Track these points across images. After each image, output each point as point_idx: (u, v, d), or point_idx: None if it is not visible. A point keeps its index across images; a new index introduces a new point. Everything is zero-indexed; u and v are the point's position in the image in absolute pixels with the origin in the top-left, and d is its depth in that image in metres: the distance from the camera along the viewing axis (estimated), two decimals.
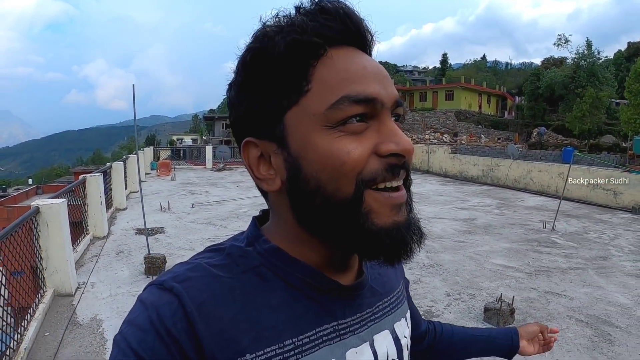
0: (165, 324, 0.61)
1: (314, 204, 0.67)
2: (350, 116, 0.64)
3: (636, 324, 5.63)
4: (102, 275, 7.01)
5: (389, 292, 0.88)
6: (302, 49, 0.66)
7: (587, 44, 48.58)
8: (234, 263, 0.71)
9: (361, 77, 0.66)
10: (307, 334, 0.69)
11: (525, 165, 20.03)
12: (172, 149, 39.61)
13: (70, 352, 4.71)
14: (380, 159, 0.65)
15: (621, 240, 10.50)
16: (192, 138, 72.15)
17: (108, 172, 12.77)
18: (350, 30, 0.68)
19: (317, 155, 0.65)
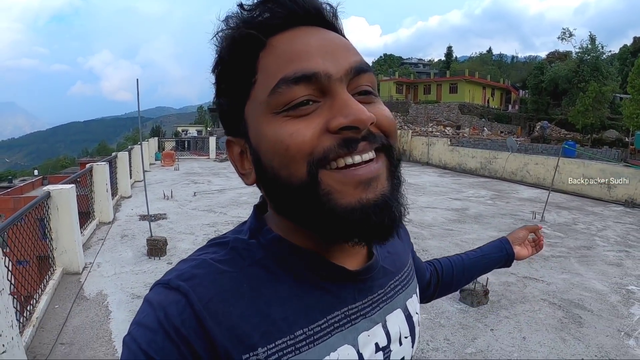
0: (174, 323, 0.61)
1: (275, 192, 0.68)
2: (294, 99, 0.63)
3: (608, 309, 5.88)
4: (108, 257, 7.49)
5: (400, 270, 0.88)
6: (242, 45, 0.68)
7: (590, 39, 48.40)
8: (238, 257, 0.71)
9: (301, 54, 0.65)
10: (317, 322, 0.69)
11: (522, 158, 20.18)
12: (177, 140, 39.92)
13: (77, 321, 5.17)
14: (333, 135, 0.63)
15: (609, 231, 10.74)
16: (197, 129, 72.08)
17: (113, 161, 13.20)
18: (295, 12, 0.68)
19: (267, 144, 0.65)
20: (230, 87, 0.71)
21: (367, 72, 0.68)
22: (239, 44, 0.68)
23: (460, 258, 1.35)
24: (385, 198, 0.64)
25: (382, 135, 0.67)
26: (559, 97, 51.72)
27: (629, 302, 6.18)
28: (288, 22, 0.68)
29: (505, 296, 6.13)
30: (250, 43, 0.67)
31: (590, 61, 47.17)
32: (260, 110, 0.66)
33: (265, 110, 0.65)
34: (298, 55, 0.65)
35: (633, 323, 5.51)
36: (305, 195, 0.63)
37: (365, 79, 0.68)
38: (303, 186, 0.63)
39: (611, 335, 5.16)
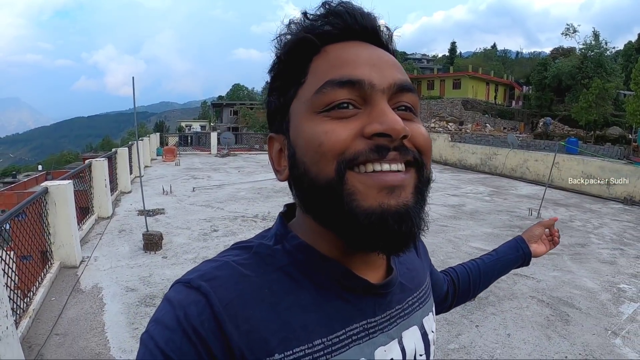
0: (193, 324, 0.62)
1: (303, 187, 0.69)
2: (336, 100, 0.66)
3: (597, 307, 5.91)
4: (105, 251, 7.62)
5: (418, 287, 0.88)
6: (299, 48, 0.72)
7: (594, 35, 48.18)
8: (261, 262, 0.72)
9: (350, 62, 0.68)
10: (336, 333, 0.69)
11: (522, 154, 20.17)
12: (180, 135, 40.06)
13: (72, 313, 5.31)
14: (366, 140, 0.65)
15: (605, 229, 10.78)
16: (201, 124, 72.19)
17: (113, 157, 13.31)
18: (351, 26, 0.72)
19: (303, 140, 0.68)
20: (282, 86, 0.75)
21: (410, 92, 0.71)
22: (296, 47, 0.72)
23: (476, 264, 1.34)
24: (407, 208, 0.65)
25: (416, 151, 0.69)
26: (562, 94, 51.55)
27: (619, 301, 6.21)
28: (344, 35, 0.72)
29: (493, 293, 6.17)
30: (306, 47, 0.72)
31: (593, 57, 46.93)
32: (304, 108, 0.69)
33: (308, 108, 0.68)
34: (347, 63, 0.68)
35: (621, 322, 5.54)
36: (330, 193, 0.65)
37: (407, 97, 0.71)
38: (329, 184, 0.64)
39: (597, 333, 5.19)
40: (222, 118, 68.66)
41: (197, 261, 6.92)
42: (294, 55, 0.72)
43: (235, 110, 65.02)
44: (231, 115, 66.13)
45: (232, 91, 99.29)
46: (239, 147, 34.92)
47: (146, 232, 7.67)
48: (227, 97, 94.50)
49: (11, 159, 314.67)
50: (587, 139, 40.25)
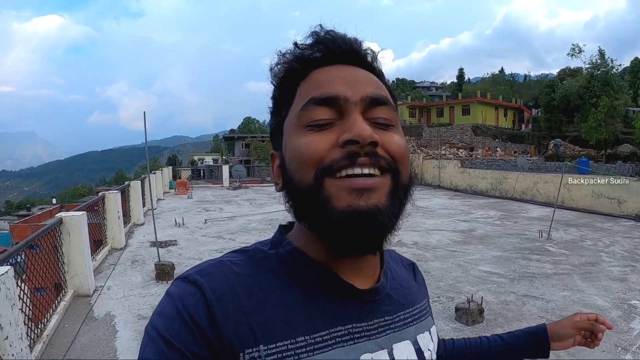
0: (190, 312, 0.68)
1: (291, 194, 0.76)
2: (317, 116, 0.74)
3: None
4: (118, 280, 7.76)
5: (411, 304, 0.90)
6: (287, 75, 0.82)
7: (600, 53, 48.07)
8: (255, 263, 0.78)
9: (328, 82, 0.77)
10: (320, 333, 0.72)
11: (532, 177, 20.19)
12: (192, 168, 40.36)
13: (85, 339, 5.43)
14: (341, 149, 0.71)
15: (616, 247, 10.75)
16: (213, 158, 72.35)
17: (126, 190, 13.53)
18: (334, 52, 0.80)
19: (289, 151, 0.76)
20: (277, 109, 0.84)
21: (384, 104, 0.77)
22: (284, 74, 0.82)
23: (479, 344, 1.20)
24: (375, 209, 0.69)
25: (389, 158, 0.74)
26: (571, 114, 51.28)
27: (629, 317, 6.19)
28: (328, 60, 0.80)
29: (502, 314, 6.19)
30: (292, 73, 0.81)
31: (600, 76, 46.62)
32: (292, 124, 0.77)
33: (295, 123, 0.76)
34: (326, 83, 0.76)
35: (632, 338, 5.52)
36: (311, 197, 0.71)
37: (382, 111, 0.76)
38: (309, 189, 0.71)
39: (608, 350, 5.16)
40: (234, 151, 69.00)
41: None
42: (284, 81, 0.82)
43: (247, 143, 65.29)
44: (243, 148, 66.49)
45: (243, 124, 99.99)
46: (250, 179, 35.18)
47: (158, 262, 7.79)
48: (239, 130, 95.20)
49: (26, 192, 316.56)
50: (598, 158, 40.02)
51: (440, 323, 5.86)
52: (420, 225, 13.50)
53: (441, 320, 5.98)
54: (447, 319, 6.03)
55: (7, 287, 3.88)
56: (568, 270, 8.51)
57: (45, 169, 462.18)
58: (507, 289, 7.34)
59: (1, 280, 3.79)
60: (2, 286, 3.80)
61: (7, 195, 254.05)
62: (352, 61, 0.81)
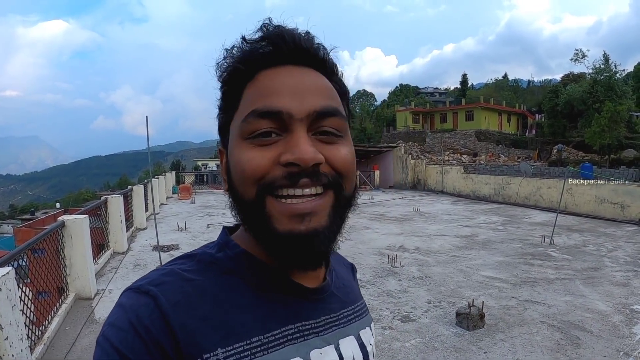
0: (144, 323, 0.67)
1: (234, 201, 0.77)
2: (259, 129, 0.72)
3: (609, 329, 5.88)
4: (120, 284, 7.77)
5: (353, 302, 0.93)
6: (235, 76, 0.78)
7: (604, 58, 48.05)
8: (205, 268, 0.77)
9: (273, 92, 0.73)
10: (273, 332, 0.74)
11: (534, 182, 20.21)
12: (196, 173, 40.45)
13: (86, 342, 5.47)
14: (282, 167, 0.70)
15: (619, 252, 10.73)
16: (217, 163, 72.37)
17: (129, 194, 13.55)
18: (283, 51, 0.76)
19: (232, 162, 0.76)
20: (224, 107, 0.81)
21: (333, 116, 0.75)
22: (231, 75, 0.79)
23: None
24: (317, 232, 0.71)
25: (334, 173, 0.74)
26: (575, 119, 51.20)
27: (632, 322, 6.17)
28: (276, 59, 0.76)
29: (503, 319, 6.18)
30: (239, 75, 0.77)
31: (604, 81, 46.55)
32: (235, 132, 0.75)
33: (238, 133, 0.74)
34: (271, 92, 0.73)
35: (634, 343, 5.51)
36: (253, 212, 0.72)
37: (329, 122, 0.74)
38: (252, 205, 0.72)
39: (609, 355, 5.16)
40: None
41: None
42: (230, 81, 0.79)
43: None
44: None
45: None
46: None
47: (160, 266, 7.75)
48: None
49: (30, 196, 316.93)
50: (602, 163, 39.96)
51: (441, 328, 5.86)
52: (422, 231, 13.53)
53: (442, 325, 5.97)
54: (447, 324, 6.01)
55: (7, 288, 3.92)
56: (570, 276, 8.49)
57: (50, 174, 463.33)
58: (509, 294, 7.33)
59: (2, 282, 3.82)
60: (3, 287, 3.84)
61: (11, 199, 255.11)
62: (301, 60, 0.78)
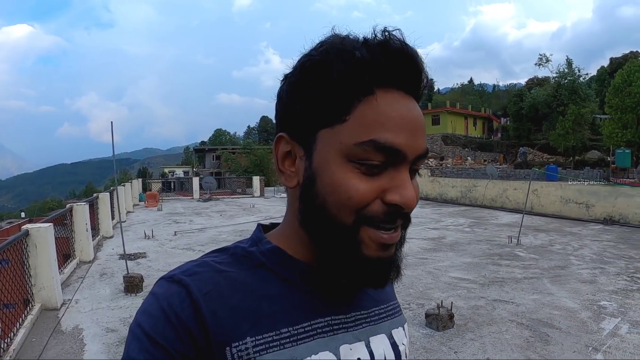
0: (175, 311, 0.68)
1: (316, 217, 0.73)
2: (372, 160, 0.68)
3: (577, 326, 6.00)
4: (86, 293, 7.63)
5: (385, 301, 0.91)
6: (353, 83, 0.69)
7: (567, 63, 48.89)
8: (237, 261, 0.78)
9: (394, 125, 0.69)
10: (302, 324, 0.74)
11: (501, 184, 20.51)
12: (163, 181, 40.17)
13: (53, 353, 5.34)
14: (383, 204, 0.69)
15: (585, 250, 10.98)
16: (184, 170, 71.92)
17: (95, 202, 13.33)
18: (405, 75, 0.71)
19: (330, 180, 0.70)
20: (318, 105, 0.72)
21: (425, 158, 0.74)
22: (349, 81, 0.69)
23: None
24: (393, 258, 0.73)
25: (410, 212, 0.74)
26: (539, 122, 52.04)
27: (599, 318, 6.31)
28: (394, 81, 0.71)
29: (472, 319, 6.23)
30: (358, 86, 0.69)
31: (567, 85, 47.44)
32: (338, 149, 0.70)
33: (343, 153, 0.69)
34: (392, 124, 0.69)
35: (602, 337, 5.63)
36: (342, 236, 0.71)
37: (420, 162, 0.74)
38: (345, 230, 0.70)
39: (578, 350, 5.26)
40: (205, 163, 68.80)
41: None
42: (342, 87, 0.70)
43: (218, 155, 65.06)
44: (213, 160, 66.27)
45: (214, 136, 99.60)
46: (221, 191, 35.27)
47: (127, 275, 7.69)
48: (210, 142, 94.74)
49: None
50: (567, 164, 40.68)
51: (410, 329, 5.84)
52: None
53: (412, 326, 5.97)
54: (417, 325, 6.04)
55: None
56: (538, 274, 8.64)
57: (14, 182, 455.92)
58: (477, 294, 7.40)
59: None
60: None
61: None
62: (412, 87, 0.74)
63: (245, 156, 54.65)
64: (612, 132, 35.39)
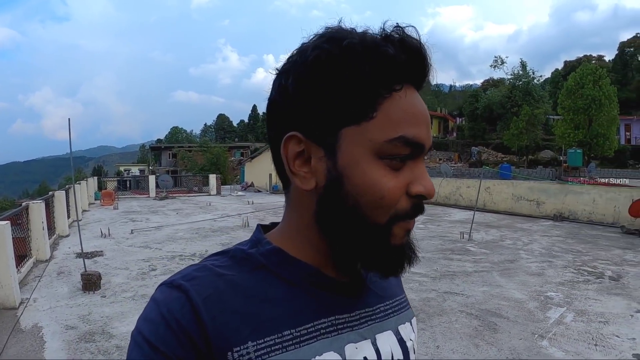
0: (175, 316, 0.67)
1: (347, 219, 0.72)
2: (400, 155, 0.69)
3: (524, 315, 6.28)
4: (44, 292, 7.60)
5: (391, 297, 0.91)
6: (381, 79, 0.69)
7: (522, 65, 49.89)
8: (237, 264, 0.77)
9: (417, 121, 0.71)
10: (305, 326, 0.73)
11: (454, 182, 20.95)
12: (118, 179, 39.67)
13: (13, 352, 5.35)
14: (409, 198, 0.70)
15: (535, 245, 11.40)
16: (140, 168, 70.92)
17: (50, 200, 13.17)
18: (420, 71, 0.73)
19: (361, 180, 0.70)
20: (341, 101, 0.70)
21: None
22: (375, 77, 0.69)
23: None
24: (411, 241, 0.75)
25: None
26: (494, 122, 52.95)
27: (546, 307, 6.61)
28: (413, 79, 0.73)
29: (423, 310, 6.42)
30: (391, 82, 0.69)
31: (522, 86, 48.63)
32: (367, 147, 0.69)
33: (373, 149, 0.69)
34: (415, 120, 0.70)
35: (548, 326, 5.92)
36: (376, 234, 0.71)
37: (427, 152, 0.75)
38: (378, 228, 0.70)
39: (525, 338, 5.52)
40: (161, 161, 68.17)
41: (136, 299, 7.08)
42: (374, 83, 0.69)
43: (174, 153, 64.59)
44: (170, 159, 65.74)
45: (170, 134, 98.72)
46: (177, 189, 34.99)
47: (84, 273, 7.68)
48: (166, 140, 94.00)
49: None
50: (520, 163, 41.68)
51: None
52: None
53: None
54: None
55: None
56: (488, 268, 8.93)
57: None
58: (429, 287, 7.60)
59: None
60: None
61: None
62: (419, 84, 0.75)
63: (202, 154, 54.58)
64: (565, 132, 36.60)
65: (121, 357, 5.09)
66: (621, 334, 5.67)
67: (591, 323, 6.04)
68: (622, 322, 6.08)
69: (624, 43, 67.63)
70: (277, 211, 19.69)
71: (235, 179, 51.12)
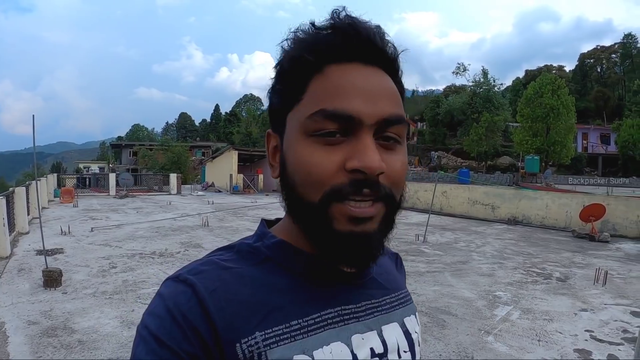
0: (182, 311, 0.67)
1: (290, 199, 0.75)
2: (325, 129, 0.69)
3: (472, 312, 6.56)
4: (5, 288, 7.62)
5: (396, 290, 0.90)
6: (301, 65, 0.73)
7: (483, 73, 50.62)
8: (243, 257, 0.77)
9: (345, 93, 0.69)
10: (312, 316, 0.73)
11: (412, 186, 20.99)
12: (78, 176, 39.10)
13: None
14: (347, 173, 0.68)
15: (487, 247, 11.78)
16: (100, 166, 69.56)
17: (10, 197, 13.02)
18: (355, 47, 0.72)
19: (293, 159, 0.72)
20: (282, 93, 0.76)
21: (398, 124, 0.72)
22: (298, 63, 0.73)
23: None
24: (368, 235, 0.70)
25: (390, 186, 0.71)
26: (454, 128, 53.69)
27: (493, 306, 6.90)
28: (347, 55, 0.72)
29: None
30: (307, 66, 0.72)
31: (483, 93, 49.37)
32: (297, 127, 0.72)
33: (300, 129, 0.71)
34: (341, 92, 0.69)
35: (495, 322, 6.20)
36: (313, 213, 0.70)
37: (394, 129, 0.72)
38: (313, 207, 0.70)
39: (471, 334, 5.79)
40: (122, 159, 67.21)
41: (96, 295, 7.12)
42: (295, 70, 0.74)
43: (135, 151, 63.80)
44: (130, 157, 64.87)
45: (131, 131, 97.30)
46: (138, 188, 34.63)
47: (46, 269, 7.72)
48: (127, 137, 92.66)
49: None
50: (479, 169, 42.41)
51: None
52: None
53: None
54: None
55: None
56: (440, 269, 9.21)
57: None
58: None
59: None
60: None
61: None
62: (371, 58, 0.74)
63: (163, 153, 53.95)
64: (523, 139, 37.50)
65: (83, 351, 5.16)
66: (564, 331, 5.96)
67: (536, 320, 6.32)
68: (566, 320, 6.38)
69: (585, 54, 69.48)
70: (237, 212, 19.78)
71: (196, 178, 50.71)
